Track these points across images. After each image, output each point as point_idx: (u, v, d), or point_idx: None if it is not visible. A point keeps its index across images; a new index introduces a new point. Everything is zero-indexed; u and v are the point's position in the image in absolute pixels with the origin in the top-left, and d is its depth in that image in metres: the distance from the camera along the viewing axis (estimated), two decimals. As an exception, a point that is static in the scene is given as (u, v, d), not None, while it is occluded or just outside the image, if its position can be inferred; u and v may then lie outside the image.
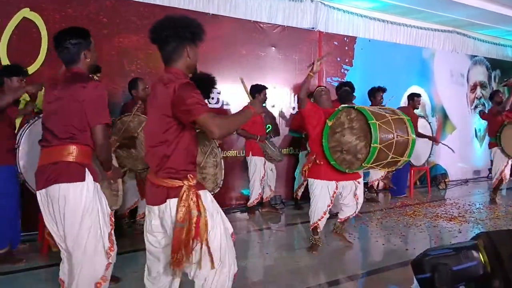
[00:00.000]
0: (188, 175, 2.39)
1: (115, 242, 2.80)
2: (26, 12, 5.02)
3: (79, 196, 2.60)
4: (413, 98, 7.60)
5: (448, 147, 8.16)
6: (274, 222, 6.25)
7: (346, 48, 8.12)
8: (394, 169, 4.88)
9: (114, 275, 3.82)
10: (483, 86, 10.80)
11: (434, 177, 8.95)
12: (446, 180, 9.01)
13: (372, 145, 4.09)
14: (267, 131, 6.73)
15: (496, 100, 7.46)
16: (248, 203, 6.46)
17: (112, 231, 2.79)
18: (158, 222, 2.47)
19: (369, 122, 4.14)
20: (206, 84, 5.48)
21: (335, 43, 7.96)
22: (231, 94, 6.58)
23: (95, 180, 2.71)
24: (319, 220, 4.65)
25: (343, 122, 4.39)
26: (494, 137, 7.35)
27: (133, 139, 4.58)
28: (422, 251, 3.04)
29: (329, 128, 4.42)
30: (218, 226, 2.45)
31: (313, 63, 4.46)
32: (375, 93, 7.11)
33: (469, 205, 7.28)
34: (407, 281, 4.00)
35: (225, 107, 6.61)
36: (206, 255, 2.38)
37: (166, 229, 2.46)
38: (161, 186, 2.41)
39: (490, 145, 7.57)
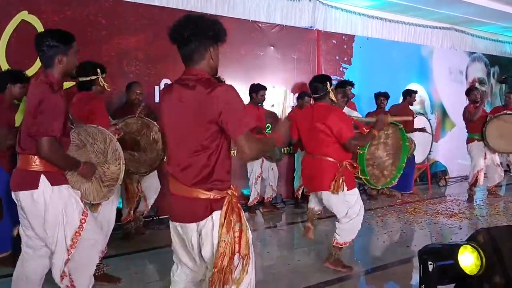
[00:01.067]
0: (231, 185, 2.26)
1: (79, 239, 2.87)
2: (24, 15, 5.01)
3: (31, 204, 2.71)
4: (410, 94, 7.61)
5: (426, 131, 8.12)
6: (275, 221, 6.26)
7: (345, 46, 8.12)
8: None
9: (115, 276, 3.85)
10: (482, 82, 10.80)
11: (434, 174, 8.96)
12: (446, 177, 9.03)
13: (400, 165, 4.32)
14: (267, 130, 6.74)
15: (471, 97, 7.26)
16: (248, 203, 6.47)
17: (81, 231, 2.84)
18: (197, 238, 2.26)
19: (405, 144, 4.32)
20: None
21: (334, 41, 7.96)
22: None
23: (57, 183, 2.76)
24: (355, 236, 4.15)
25: (380, 135, 4.24)
26: (473, 133, 7.22)
27: (137, 143, 4.57)
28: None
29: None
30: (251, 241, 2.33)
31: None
32: (377, 98, 7.33)
33: (469, 201, 7.28)
34: (409, 278, 4.02)
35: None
36: (245, 272, 2.23)
37: (205, 245, 2.24)
38: (200, 200, 2.20)
39: (468, 141, 7.38)
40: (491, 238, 2.29)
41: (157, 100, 5.90)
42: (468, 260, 2.23)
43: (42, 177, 2.70)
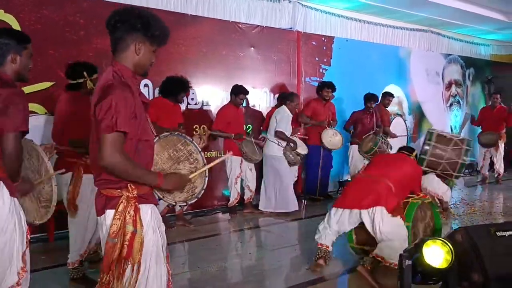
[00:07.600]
0: (129, 185, 2.12)
1: (28, 262, 2.42)
2: (1, 14, 4.92)
3: None
4: (385, 96, 7.93)
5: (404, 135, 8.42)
6: (256, 222, 6.26)
7: (324, 48, 8.18)
8: None
9: (95, 280, 3.81)
10: (458, 84, 11.04)
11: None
12: (423, 177, 9.13)
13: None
14: (248, 131, 6.77)
15: None
16: (228, 204, 6.46)
17: (27, 250, 2.41)
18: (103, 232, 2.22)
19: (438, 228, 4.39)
20: (176, 87, 5.48)
21: (313, 43, 8.02)
22: (211, 94, 6.59)
23: (12, 195, 2.33)
24: None
25: (424, 216, 4.34)
26: None
27: None
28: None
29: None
30: (154, 245, 2.19)
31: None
32: (367, 100, 7.49)
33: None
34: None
35: (204, 107, 6.59)
36: (135, 279, 2.11)
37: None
38: (101, 195, 2.18)
39: None
40: (469, 237, 2.34)
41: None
42: (435, 253, 2.23)
43: (1, 184, 2.30)
